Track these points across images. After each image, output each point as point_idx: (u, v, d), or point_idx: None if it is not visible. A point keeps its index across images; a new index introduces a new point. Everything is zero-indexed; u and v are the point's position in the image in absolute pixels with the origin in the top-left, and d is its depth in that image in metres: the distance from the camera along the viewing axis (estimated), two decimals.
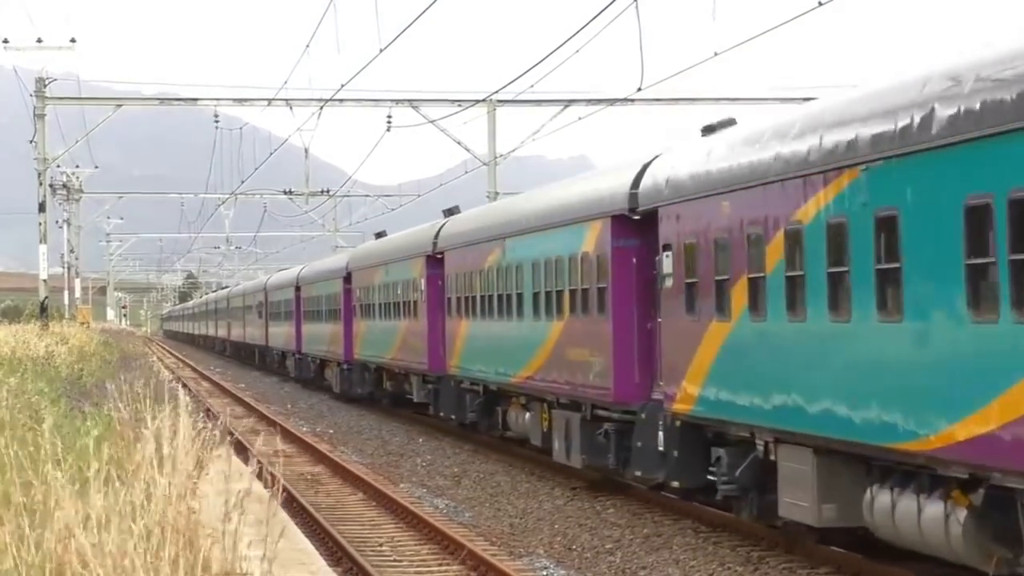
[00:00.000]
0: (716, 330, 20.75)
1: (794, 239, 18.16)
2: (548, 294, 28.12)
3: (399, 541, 22.88)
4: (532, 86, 42.84)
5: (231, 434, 32.58)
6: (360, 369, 51.29)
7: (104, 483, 11.94)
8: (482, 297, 33.28)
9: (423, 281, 40.01)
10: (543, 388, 28.48)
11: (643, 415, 23.35)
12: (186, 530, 11.28)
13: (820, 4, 27.09)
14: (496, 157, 57.09)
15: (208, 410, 43.61)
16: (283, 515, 21.19)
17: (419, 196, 79.11)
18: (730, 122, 22.85)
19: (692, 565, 19.85)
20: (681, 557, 20.42)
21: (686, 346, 21.70)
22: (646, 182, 23.57)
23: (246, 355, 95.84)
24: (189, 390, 50.85)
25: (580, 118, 54.23)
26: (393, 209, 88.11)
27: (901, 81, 16.52)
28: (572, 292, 26.65)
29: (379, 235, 54.25)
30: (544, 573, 19.93)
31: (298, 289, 66.92)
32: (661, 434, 22.65)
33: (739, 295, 19.90)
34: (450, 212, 41.10)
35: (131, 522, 11.03)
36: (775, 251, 18.70)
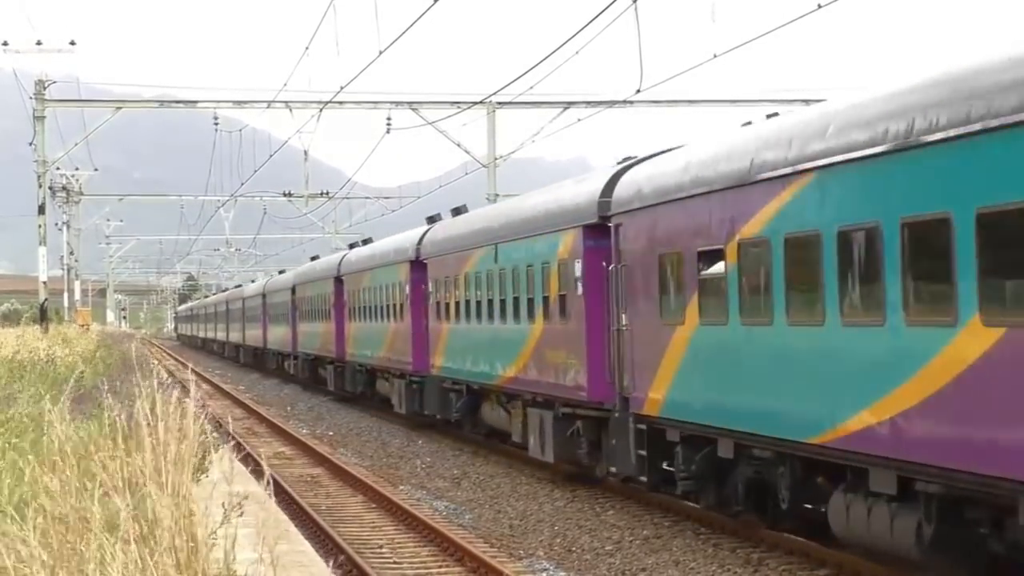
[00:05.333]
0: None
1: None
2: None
3: (399, 543, 22.90)
4: (531, 88, 42.89)
5: (231, 436, 32.69)
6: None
7: (103, 486, 11.96)
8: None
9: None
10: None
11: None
12: (185, 533, 11.30)
13: (820, 6, 27.12)
14: (496, 159, 57.12)
15: (208, 412, 43.63)
16: (283, 517, 21.21)
17: (419, 198, 79.15)
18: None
19: (692, 567, 19.86)
20: (681, 559, 20.43)
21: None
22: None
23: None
24: (188, 393, 50.91)
25: (579, 119, 54.29)
26: (393, 211, 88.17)
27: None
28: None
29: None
30: (544, 575, 19.95)
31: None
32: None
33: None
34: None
35: (130, 525, 11.05)
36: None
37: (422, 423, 41.64)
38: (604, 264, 24.61)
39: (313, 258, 71.57)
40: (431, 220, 41.56)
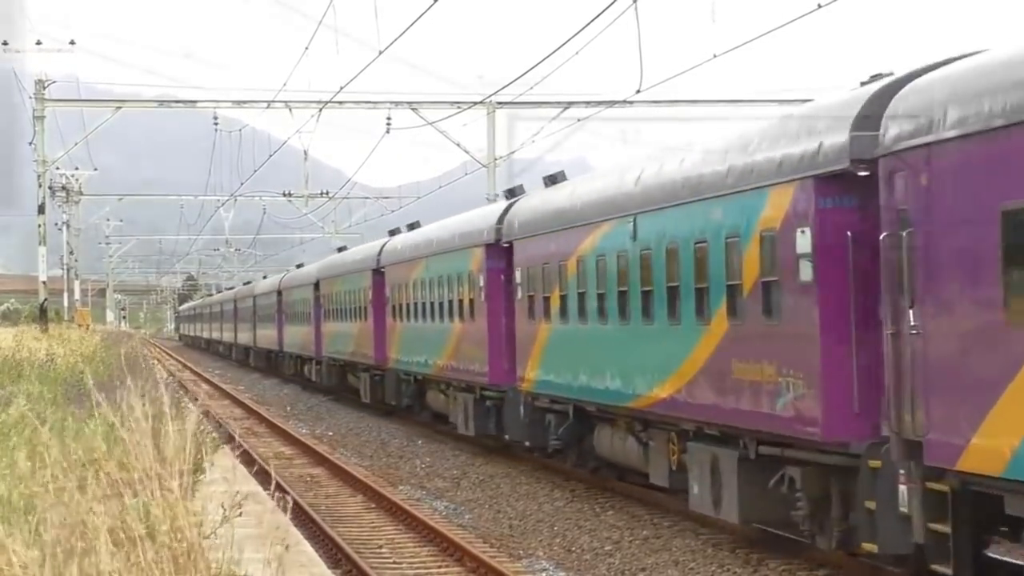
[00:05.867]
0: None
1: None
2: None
3: (398, 543, 22.89)
4: (531, 88, 42.90)
5: (231, 436, 32.68)
6: None
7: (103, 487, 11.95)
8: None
9: None
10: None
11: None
12: (186, 533, 11.29)
13: (820, 6, 27.11)
14: (496, 159, 57.15)
15: (208, 412, 43.62)
16: (282, 517, 21.20)
17: (419, 198, 79.23)
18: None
19: (691, 567, 19.85)
20: (680, 559, 20.42)
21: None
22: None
23: None
24: (188, 391, 50.95)
25: (579, 119, 54.29)
26: (393, 211, 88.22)
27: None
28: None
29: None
30: (544, 575, 19.95)
31: None
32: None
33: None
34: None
35: (131, 525, 11.05)
36: None
37: (493, 447, 34.67)
38: (848, 234, 17.09)
39: (340, 249, 63.56)
40: (512, 193, 34.05)
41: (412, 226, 46.02)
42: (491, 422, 33.25)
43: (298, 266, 78.21)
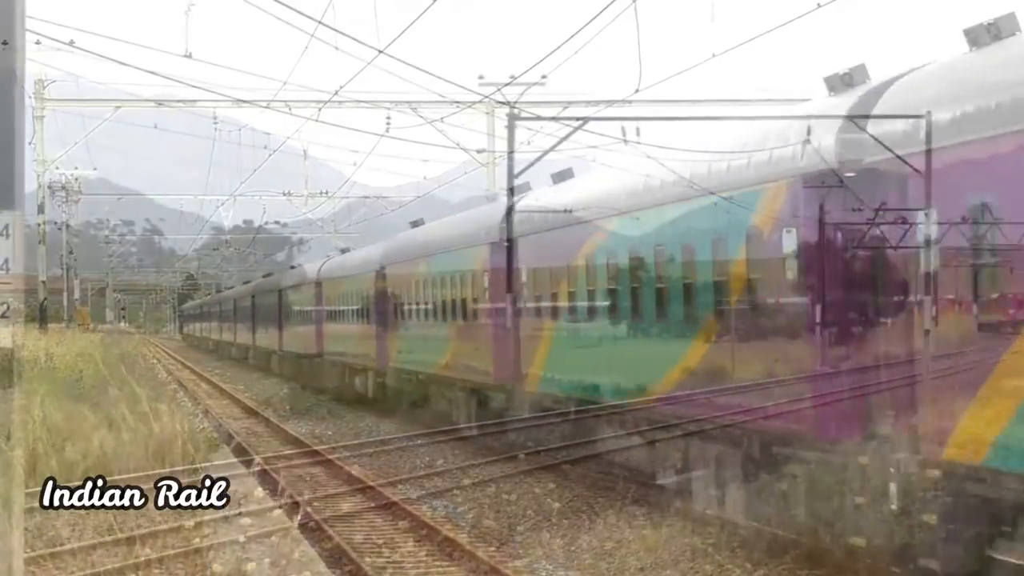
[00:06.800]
0: None
1: None
2: None
3: (398, 543, 22.89)
4: (530, 87, 42.91)
5: (230, 436, 32.66)
6: None
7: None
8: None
9: None
10: None
11: None
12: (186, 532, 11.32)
13: (819, 6, 27.11)
14: (495, 158, 57.22)
15: (207, 411, 43.63)
16: (282, 517, 21.20)
17: (418, 197, 79.31)
18: None
19: (692, 567, 19.86)
20: (680, 559, 20.43)
21: None
22: None
23: None
24: (187, 391, 50.97)
25: (579, 119, 54.24)
26: (392, 210, 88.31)
27: None
28: None
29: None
30: (543, 575, 19.95)
31: None
32: None
33: None
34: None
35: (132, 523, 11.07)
36: None
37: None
38: None
39: (414, 224, 47.21)
40: (839, 84, 19.80)
41: (561, 176, 30.95)
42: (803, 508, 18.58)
43: (343, 251, 65.51)
